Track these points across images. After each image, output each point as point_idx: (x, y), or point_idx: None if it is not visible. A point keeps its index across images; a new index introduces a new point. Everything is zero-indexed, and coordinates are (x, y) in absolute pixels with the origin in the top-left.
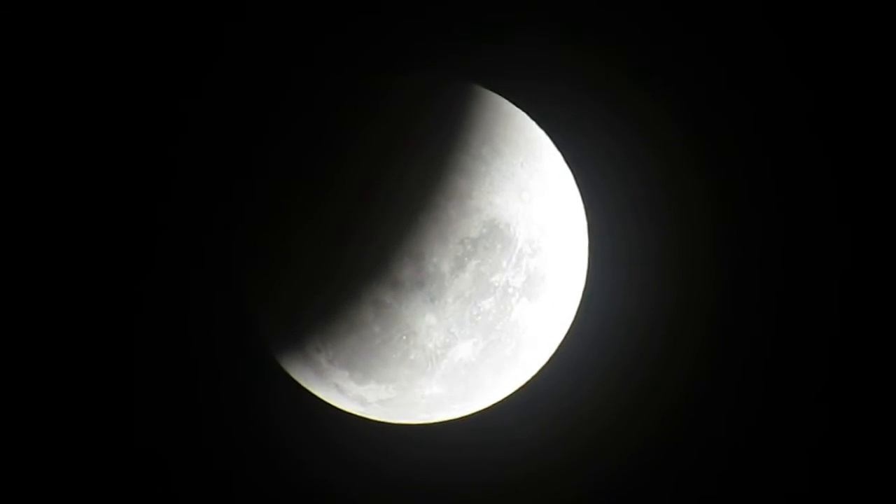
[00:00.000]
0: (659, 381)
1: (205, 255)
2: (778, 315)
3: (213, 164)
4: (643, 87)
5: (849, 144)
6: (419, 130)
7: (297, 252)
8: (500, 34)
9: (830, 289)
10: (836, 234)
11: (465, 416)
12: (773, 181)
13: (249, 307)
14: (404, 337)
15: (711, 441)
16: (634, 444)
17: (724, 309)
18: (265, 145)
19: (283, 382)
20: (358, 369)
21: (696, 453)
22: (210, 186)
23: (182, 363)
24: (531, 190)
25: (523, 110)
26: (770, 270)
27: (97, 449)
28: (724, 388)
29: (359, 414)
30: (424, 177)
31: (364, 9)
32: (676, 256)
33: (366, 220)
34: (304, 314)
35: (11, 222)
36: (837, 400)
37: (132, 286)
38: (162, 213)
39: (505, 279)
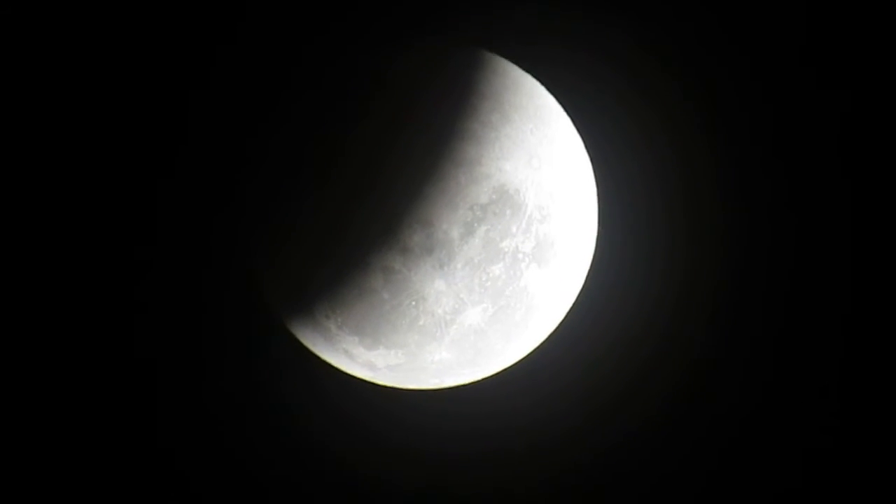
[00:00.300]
0: (668, 347)
1: (214, 224)
2: (789, 284)
3: (224, 133)
4: (654, 55)
5: (868, 142)
6: (428, 97)
7: (307, 219)
8: (510, 1)
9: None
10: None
11: (475, 382)
12: (785, 153)
13: (259, 274)
14: (414, 303)
15: (721, 408)
16: (643, 411)
17: (733, 275)
18: (276, 114)
19: (293, 348)
20: (367, 335)
21: (705, 419)
22: (220, 155)
23: (193, 330)
24: (541, 156)
25: (533, 76)
26: (780, 239)
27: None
28: (734, 355)
29: (368, 379)
30: (434, 143)
31: None
32: (685, 222)
33: (375, 187)
34: (313, 280)
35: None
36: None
37: (141, 256)
38: (173, 181)
39: (514, 245)
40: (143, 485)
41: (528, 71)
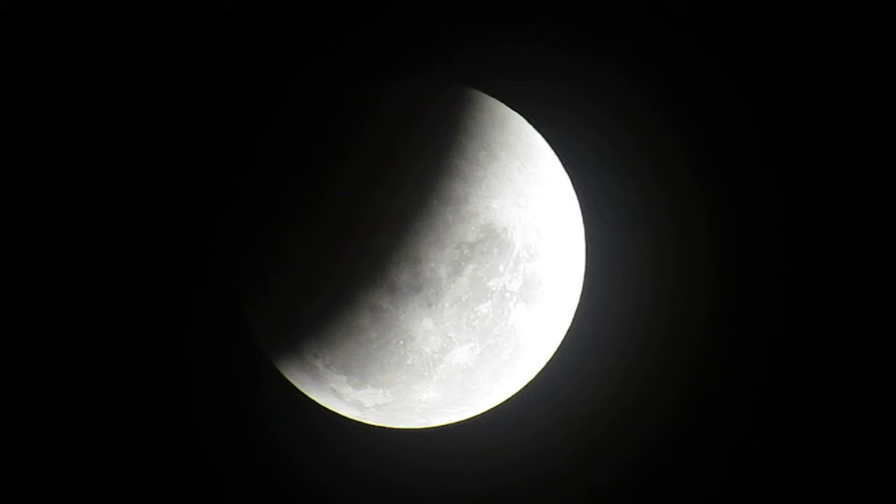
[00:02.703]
0: (656, 385)
1: (201, 260)
2: (776, 321)
3: (210, 171)
4: (641, 91)
5: (849, 147)
6: (416, 135)
7: (294, 257)
8: (497, 38)
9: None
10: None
11: (462, 421)
12: (772, 186)
13: (246, 312)
14: (401, 342)
15: (709, 445)
16: (632, 448)
17: (722, 313)
18: (263, 151)
19: (280, 387)
20: (355, 374)
21: (694, 457)
22: (207, 192)
23: (179, 367)
24: (528, 194)
25: (520, 114)
26: (768, 276)
27: (92, 455)
28: (722, 392)
29: (356, 419)
30: (421, 181)
31: (362, 15)
32: (674, 261)
33: (363, 225)
34: (300, 319)
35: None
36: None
37: (128, 291)
38: (159, 219)
39: (502, 284)
40: None
41: (515, 109)
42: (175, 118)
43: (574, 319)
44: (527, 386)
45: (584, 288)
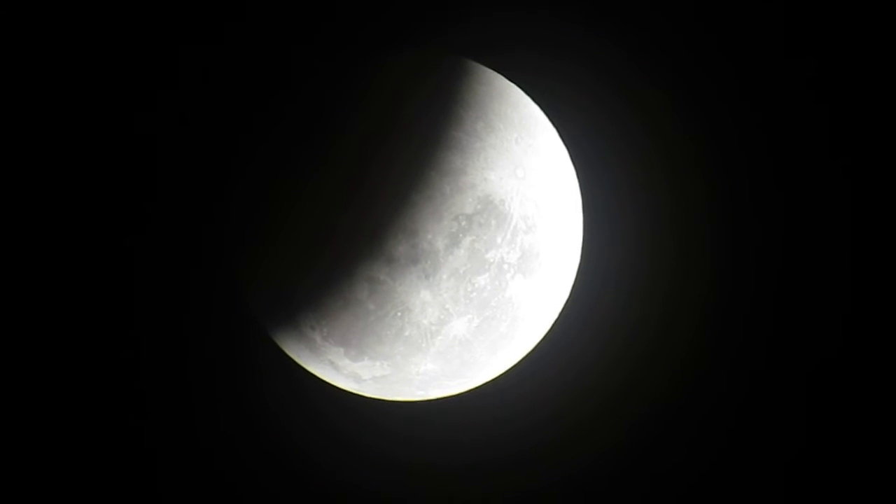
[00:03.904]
0: (654, 357)
1: (198, 233)
2: (777, 294)
3: (208, 143)
4: (640, 64)
5: (853, 144)
6: (413, 107)
7: (291, 229)
8: (495, 8)
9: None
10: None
11: (460, 393)
12: (770, 162)
13: (243, 284)
14: (399, 314)
15: (707, 418)
16: (629, 421)
17: (720, 285)
18: (260, 123)
19: (278, 359)
20: (352, 346)
21: (692, 430)
22: (204, 165)
23: (176, 340)
24: (526, 166)
25: (518, 86)
26: (768, 250)
27: (89, 431)
28: (720, 363)
29: (353, 391)
30: (418, 153)
31: None
32: (671, 232)
33: (360, 197)
34: (298, 291)
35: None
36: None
37: (126, 264)
38: (157, 191)
39: (500, 255)
40: (124, 492)
41: (512, 80)
42: (168, 94)
43: (572, 291)
44: (525, 358)
45: (581, 260)
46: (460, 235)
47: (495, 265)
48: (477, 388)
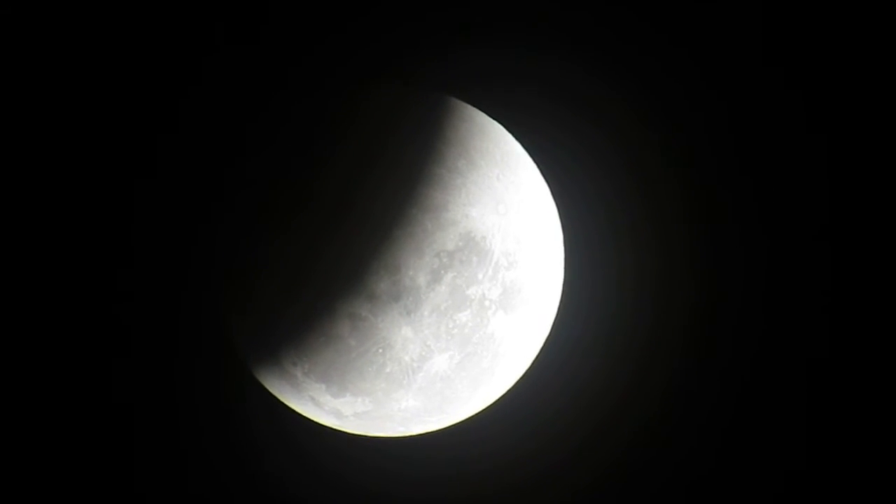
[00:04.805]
0: (635, 393)
1: (181, 268)
2: (761, 329)
3: (190, 178)
4: (621, 99)
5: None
6: (394, 143)
7: (273, 265)
8: (476, 46)
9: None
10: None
11: (442, 429)
12: (752, 190)
13: (225, 320)
14: (380, 350)
15: (687, 454)
16: (611, 456)
17: (702, 322)
18: (241, 159)
19: (259, 395)
20: (334, 382)
21: (671, 467)
22: (186, 200)
23: (158, 375)
24: (507, 202)
25: (499, 123)
26: (751, 284)
27: (74, 462)
28: (700, 401)
29: (335, 427)
30: (400, 189)
31: (340, 24)
32: (653, 268)
33: (341, 233)
34: (279, 327)
35: None
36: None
37: (110, 297)
38: (139, 225)
39: (481, 292)
40: None
41: (494, 117)
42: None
43: (553, 327)
44: (506, 394)
45: (563, 296)
46: (442, 272)
47: (477, 301)
48: (459, 423)
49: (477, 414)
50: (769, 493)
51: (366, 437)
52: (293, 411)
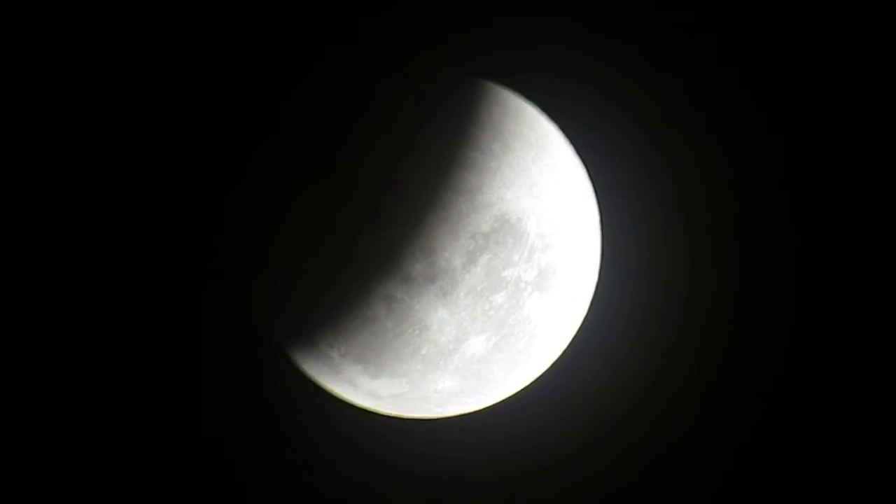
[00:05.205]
0: (672, 375)
1: (215, 250)
2: (792, 310)
3: (224, 158)
4: (655, 81)
5: (867, 144)
6: (429, 127)
7: (309, 247)
8: (510, 29)
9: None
10: (851, 236)
11: (478, 411)
12: (784, 179)
13: (261, 302)
14: (417, 331)
15: (724, 436)
16: (648, 438)
17: (736, 303)
18: (276, 140)
19: (296, 377)
20: (370, 364)
21: (708, 448)
22: (220, 181)
23: (193, 359)
24: (542, 185)
25: (534, 105)
26: (782, 266)
27: (107, 449)
28: (737, 381)
29: (371, 409)
30: (435, 172)
31: (374, 7)
32: (688, 250)
33: (377, 216)
34: (315, 309)
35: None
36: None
37: (141, 281)
38: (171, 207)
39: (517, 273)
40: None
41: (528, 100)
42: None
43: (589, 309)
44: (542, 375)
45: (598, 277)
46: (477, 254)
47: (512, 283)
48: (495, 405)
49: (513, 395)
50: (802, 474)
51: (402, 418)
52: (329, 393)
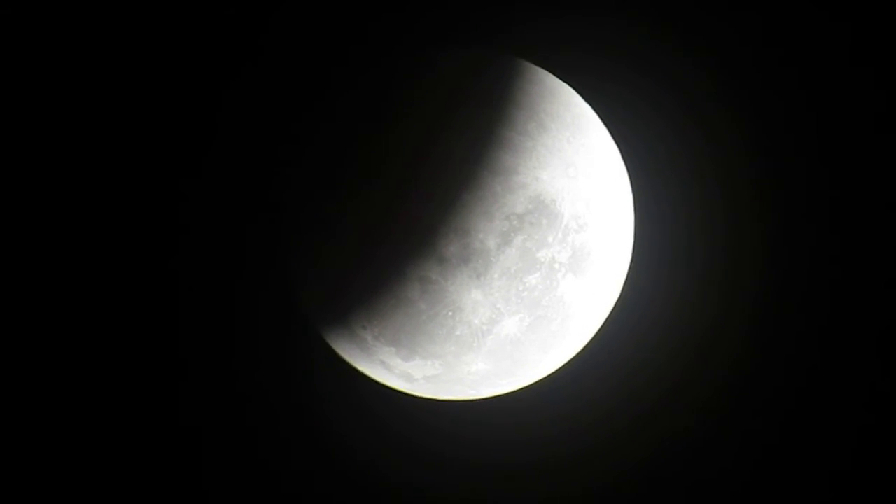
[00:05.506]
0: (706, 357)
1: (251, 232)
2: (831, 290)
3: (262, 141)
4: (691, 63)
5: None
6: (465, 107)
7: (343, 229)
8: (546, 9)
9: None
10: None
11: (512, 392)
12: (822, 163)
13: (295, 284)
14: (450, 313)
15: (759, 418)
16: (681, 420)
17: (771, 286)
18: (312, 120)
19: (330, 359)
20: (404, 346)
21: (743, 431)
22: (257, 163)
23: (228, 340)
24: (577, 165)
25: (570, 85)
26: (819, 253)
27: (141, 435)
28: (772, 363)
29: (405, 390)
30: (470, 153)
31: None
32: (723, 232)
33: (412, 197)
34: (349, 291)
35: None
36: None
37: (179, 261)
38: (210, 188)
39: (551, 255)
40: (175, 493)
41: (564, 80)
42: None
43: (623, 290)
44: (576, 357)
45: (632, 259)
46: (511, 235)
47: (546, 264)
48: (529, 386)
49: (547, 377)
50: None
51: (436, 400)
52: (363, 375)
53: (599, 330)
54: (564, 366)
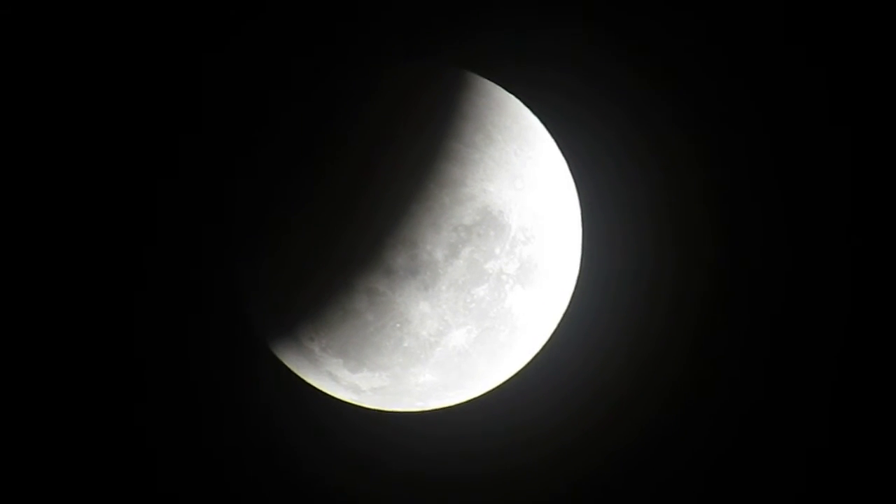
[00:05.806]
0: (653, 369)
1: (198, 245)
2: (779, 302)
3: (208, 156)
4: (638, 74)
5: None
6: (412, 119)
7: (290, 241)
8: (493, 22)
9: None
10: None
11: (459, 404)
12: (772, 170)
13: (243, 296)
14: (398, 325)
15: (708, 430)
16: (628, 433)
17: (722, 293)
18: (259, 136)
19: (277, 371)
20: (351, 357)
21: (691, 443)
22: (204, 178)
23: (176, 352)
24: (525, 177)
25: (517, 98)
26: (768, 262)
27: (91, 442)
28: (720, 377)
29: (353, 402)
30: (418, 164)
31: (359, 1)
32: (670, 244)
33: (359, 209)
34: (297, 302)
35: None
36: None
37: (126, 276)
38: (157, 204)
39: (499, 266)
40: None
41: (511, 92)
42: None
43: (571, 301)
44: (524, 368)
45: (580, 270)
46: (459, 246)
47: (494, 276)
48: (476, 398)
49: (495, 389)
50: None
51: (384, 412)
52: (310, 387)
53: (547, 342)
54: (512, 377)
